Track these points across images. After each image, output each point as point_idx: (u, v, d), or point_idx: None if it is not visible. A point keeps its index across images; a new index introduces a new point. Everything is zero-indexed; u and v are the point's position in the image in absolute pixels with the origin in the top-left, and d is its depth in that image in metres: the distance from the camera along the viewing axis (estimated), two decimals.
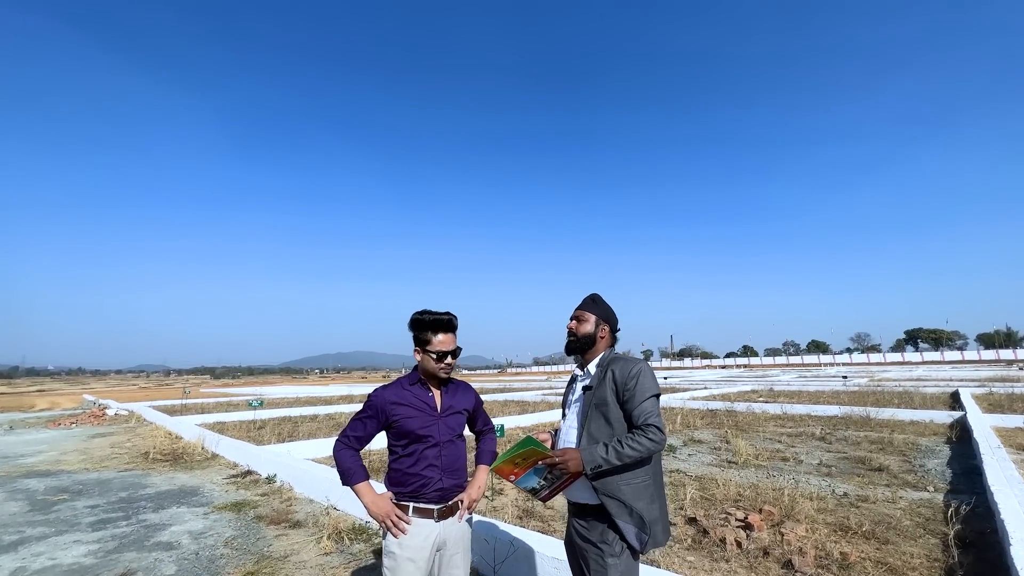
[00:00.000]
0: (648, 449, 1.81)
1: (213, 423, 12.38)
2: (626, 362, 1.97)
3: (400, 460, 2.02)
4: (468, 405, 2.20)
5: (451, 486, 2.04)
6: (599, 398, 1.94)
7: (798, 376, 32.52)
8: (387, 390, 2.05)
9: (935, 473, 5.77)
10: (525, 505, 4.85)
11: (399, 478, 2.02)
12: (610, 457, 1.79)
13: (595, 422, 1.93)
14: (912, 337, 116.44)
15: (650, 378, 1.92)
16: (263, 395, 25.35)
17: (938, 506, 4.53)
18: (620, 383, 1.91)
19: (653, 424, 1.83)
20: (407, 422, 2.00)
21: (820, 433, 8.83)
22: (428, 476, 1.99)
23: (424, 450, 2.00)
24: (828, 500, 4.76)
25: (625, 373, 1.92)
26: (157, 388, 50.27)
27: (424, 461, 2.00)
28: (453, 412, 2.11)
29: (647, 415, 1.85)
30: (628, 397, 1.89)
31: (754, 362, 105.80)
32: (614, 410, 1.92)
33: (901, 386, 18.89)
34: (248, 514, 4.87)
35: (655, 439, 1.81)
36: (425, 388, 2.09)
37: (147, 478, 6.71)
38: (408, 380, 2.10)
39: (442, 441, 2.04)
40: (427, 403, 2.06)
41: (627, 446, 1.80)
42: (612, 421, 1.91)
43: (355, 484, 1.98)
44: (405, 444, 2.02)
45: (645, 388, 1.89)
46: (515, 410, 13.93)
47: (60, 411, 20.57)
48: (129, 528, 4.50)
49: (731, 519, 4.13)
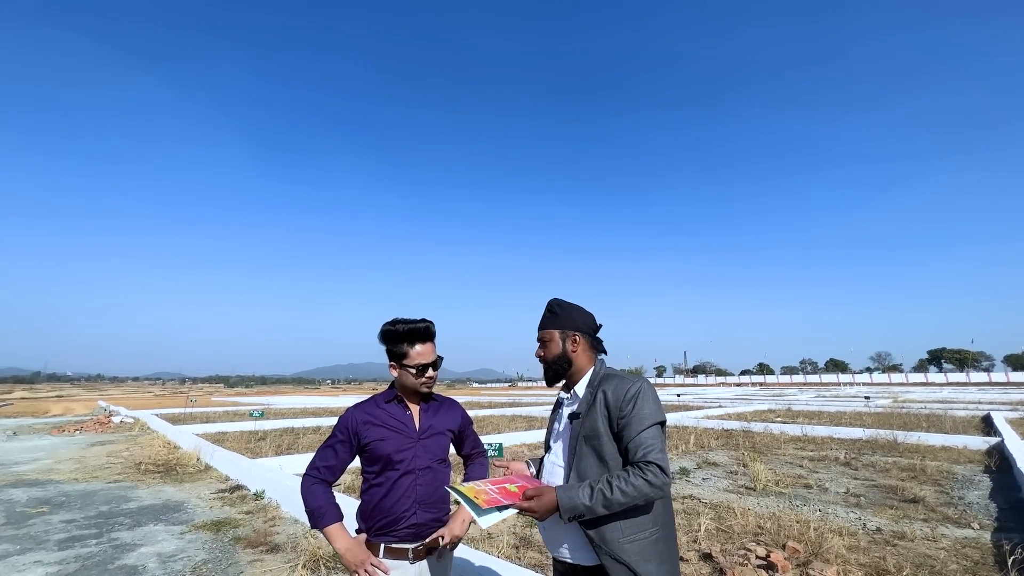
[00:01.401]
0: (644, 495, 1.38)
1: (214, 433, 12.18)
2: (621, 381, 1.54)
3: (371, 490, 1.73)
4: (453, 425, 1.90)
5: (427, 521, 1.73)
6: (589, 428, 1.52)
7: (816, 395, 31.41)
8: (359, 409, 1.79)
9: (978, 507, 5.23)
10: (523, 532, 4.46)
11: (369, 511, 1.72)
12: (595, 504, 1.38)
13: (585, 459, 1.51)
14: (935, 357, 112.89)
15: (651, 401, 1.50)
16: (271, 405, 25.24)
17: (986, 547, 4.03)
18: (614, 408, 1.49)
19: (654, 462, 1.40)
20: (380, 445, 1.72)
21: (844, 458, 8.26)
22: (400, 510, 1.69)
23: (398, 478, 1.71)
24: (860, 536, 4.28)
25: (620, 395, 1.50)
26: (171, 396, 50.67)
27: (397, 491, 1.70)
28: (434, 433, 1.81)
29: (646, 449, 1.42)
30: (623, 425, 1.47)
31: (770, 380, 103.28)
32: (608, 444, 1.49)
33: (927, 408, 17.97)
34: (227, 535, 4.55)
35: (655, 482, 1.38)
36: (402, 406, 1.81)
37: (133, 491, 6.44)
38: (384, 397, 1.83)
39: (418, 468, 1.74)
40: (404, 423, 1.77)
41: (617, 489, 1.37)
42: (606, 458, 1.49)
43: (325, 527, 1.68)
44: (378, 471, 1.73)
45: (644, 415, 1.46)
46: (522, 425, 13.50)
47: (68, 417, 20.64)
48: (97, 548, 4.21)
49: (751, 556, 3.70)
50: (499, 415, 17.38)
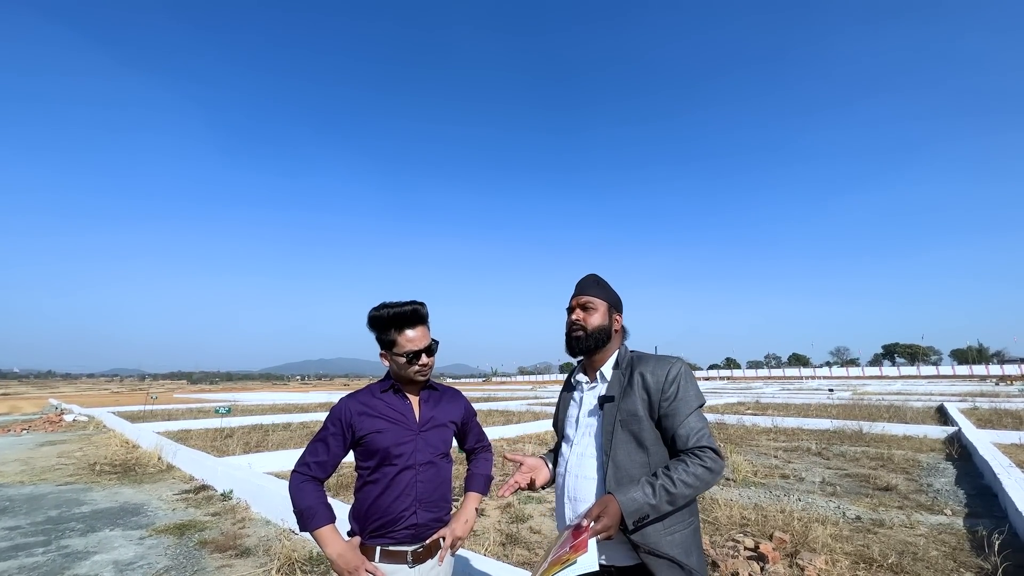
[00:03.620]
0: (706, 483, 1.30)
1: (177, 431, 11.58)
2: (659, 361, 1.43)
3: (366, 488, 1.57)
4: (456, 416, 1.75)
5: (428, 521, 1.58)
6: (627, 412, 1.39)
7: (782, 388, 32.54)
8: (353, 399, 1.62)
9: (946, 494, 5.40)
10: (509, 529, 4.33)
11: (364, 510, 1.57)
12: (659, 502, 1.26)
13: (624, 447, 1.38)
14: (889, 352, 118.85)
15: (693, 382, 1.42)
16: (238, 401, 24.35)
17: (961, 532, 4.14)
18: (655, 390, 1.38)
19: (708, 446, 1.32)
20: (377, 438, 1.56)
21: (816, 448, 8.47)
22: (398, 509, 1.54)
23: (396, 474, 1.56)
24: (841, 525, 4.33)
25: (661, 377, 1.39)
26: (130, 393, 48.36)
27: (395, 489, 1.55)
28: (436, 426, 1.66)
29: (699, 434, 1.34)
30: (669, 411, 1.37)
31: (736, 374, 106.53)
32: (648, 428, 1.38)
33: (885, 400, 18.82)
34: (192, 539, 4.25)
35: (714, 467, 1.30)
36: (401, 396, 1.65)
37: (87, 493, 6.00)
38: (380, 386, 1.67)
39: (419, 463, 1.59)
40: (403, 414, 1.62)
41: (679, 482, 1.27)
42: (646, 443, 1.38)
43: (315, 529, 1.51)
44: (374, 466, 1.57)
45: (689, 396, 1.38)
46: (499, 420, 13.41)
47: (16, 416, 19.36)
48: (44, 557, 3.84)
49: (740, 548, 3.68)
50: (475, 409, 17.23)
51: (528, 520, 4.61)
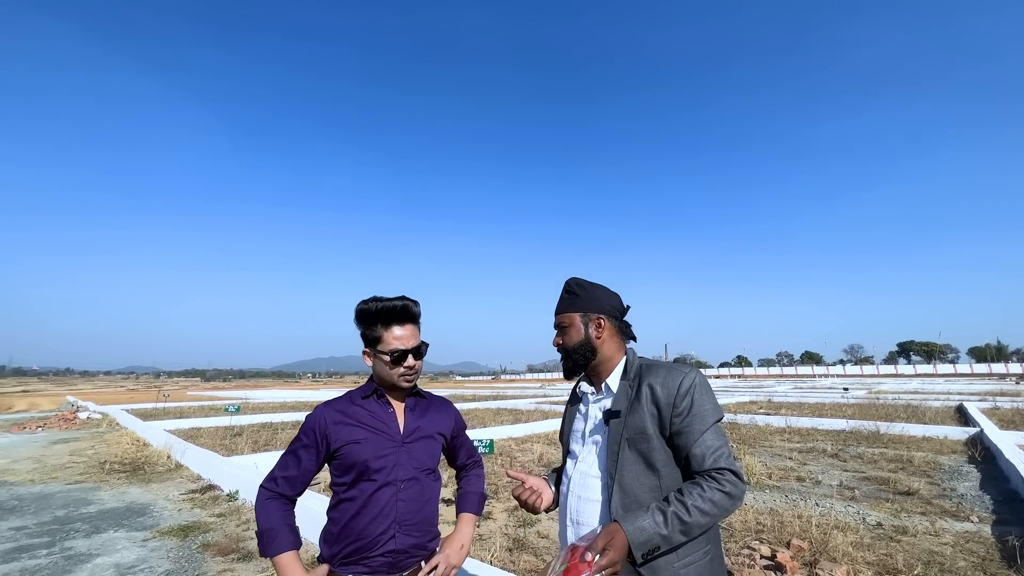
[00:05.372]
0: (724, 510, 1.14)
1: (187, 429, 11.66)
2: (670, 371, 1.27)
3: (341, 506, 1.41)
4: (445, 428, 1.58)
5: (408, 547, 1.41)
6: (634, 429, 1.23)
7: (794, 387, 32.05)
8: (330, 407, 1.46)
9: (971, 499, 5.19)
10: (516, 533, 4.23)
11: (337, 532, 1.40)
12: (671, 531, 1.10)
13: (631, 468, 1.22)
14: (905, 349, 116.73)
15: (709, 394, 1.25)
16: (248, 399, 24.54)
17: (989, 541, 3.94)
18: (665, 404, 1.22)
19: (727, 468, 1.17)
20: (355, 449, 1.39)
21: (832, 449, 8.25)
22: (375, 532, 1.37)
23: (375, 492, 1.39)
24: (862, 532, 4.16)
25: (672, 389, 1.22)
26: (144, 390, 49.09)
27: (373, 508, 1.38)
28: (422, 437, 1.49)
29: (716, 454, 1.18)
30: (681, 427, 1.20)
31: (748, 372, 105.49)
32: (659, 448, 1.22)
33: (901, 399, 18.39)
34: (195, 541, 4.21)
35: (734, 493, 1.15)
36: (383, 403, 1.48)
37: (95, 493, 6.01)
38: (360, 392, 1.50)
39: (401, 479, 1.42)
40: (385, 423, 1.45)
41: (694, 509, 1.11)
42: (656, 464, 1.22)
43: (274, 555, 1.34)
44: (350, 482, 1.40)
45: (705, 410, 1.21)
46: (508, 419, 13.31)
47: (33, 413, 19.69)
48: (47, 560, 3.81)
49: (757, 556, 3.53)
50: (484, 408, 17.15)
51: (536, 524, 4.50)
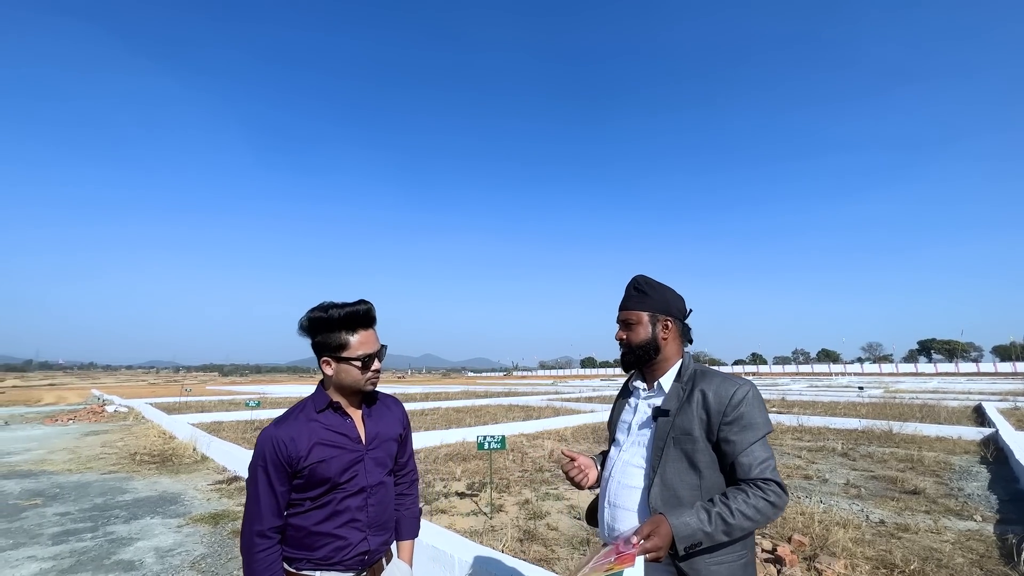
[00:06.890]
0: (767, 517, 1.22)
1: (209, 423, 12.10)
2: (724, 381, 1.33)
3: (308, 514, 1.38)
4: (400, 428, 1.57)
5: (378, 546, 1.46)
6: (682, 428, 1.32)
7: (809, 385, 31.71)
8: (282, 428, 1.36)
9: (978, 499, 5.25)
10: (527, 525, 4.42)
11: (304, 539, 1.37)
12: (714, 530, 1.19)
13: (674, 464, 1.32)
14: (925, 348, 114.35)
15: (761, 407, 1.31)
16: (266, 394, 25.14)
17: (990, 539, 4.03)
18: (715, 411, 1.29)
19: (772, 479, 1.24)
20: (322, 468, 1.35)
21: (842, 448, 8.29)
22: (347, 536, 1.38)
23: (344, 499, 1.39)
24: (863, 529, 4.27)
25: (724, 398, 1.29)
26: (165, 385, 50.44)
27: (344, 514, 1.38)
28: (383, 441, 1.50)
29: (763, 465, 1.25)
30: (730, 436, 1.28)
31: (763, 370, 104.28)
32: (703, 450, 1.30)
33: (919, 398, 18.15)
34: (225, 528, 4.49)
35: (777, 503, 1.22)
36: (341, 414, 1.44)
37: (129, 482, 6.36)
38: (313, 405, 1.43)
39: (370, 485, 1.44)
40: (346, 435, 1.42)
41: (738, 513, 1.19)
42: (699, 465, 1.30)
43: None
44: (317, 496, 1.38)
45: (757, 424, 1.28)
46: (520, 415, 13.50)
47: (62, 407, 20.47)
48: (93, 543, 4.13)
49: (758, 550, 3.68)
50: (495, 404, 17.38)
51: (546, 516, 4.69)
